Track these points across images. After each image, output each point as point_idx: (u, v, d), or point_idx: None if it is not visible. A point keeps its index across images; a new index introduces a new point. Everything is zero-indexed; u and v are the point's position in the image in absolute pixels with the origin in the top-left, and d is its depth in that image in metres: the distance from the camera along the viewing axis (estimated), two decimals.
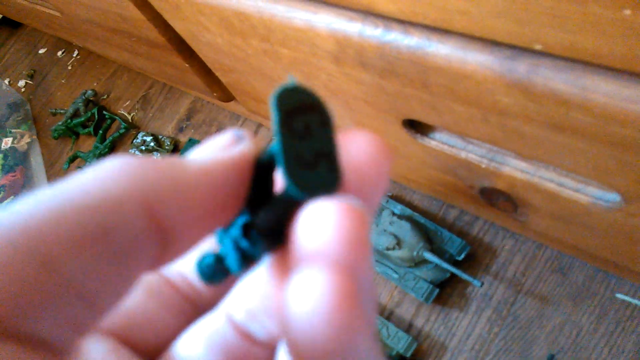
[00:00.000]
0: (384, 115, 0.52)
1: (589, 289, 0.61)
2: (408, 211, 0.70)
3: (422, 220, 0.69)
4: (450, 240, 0.66)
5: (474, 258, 0.67)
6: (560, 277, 0.63)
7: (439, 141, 0.53)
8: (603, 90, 0.27)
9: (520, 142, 0.41)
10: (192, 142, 0.88)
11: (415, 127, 0.53)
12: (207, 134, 0.92)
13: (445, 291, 0.66)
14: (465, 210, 0.70)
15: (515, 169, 0.48)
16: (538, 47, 0.27)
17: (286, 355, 0.15)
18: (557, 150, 0.37)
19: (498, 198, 0.54)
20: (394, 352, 0.63)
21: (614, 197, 0.42)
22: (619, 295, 0.60)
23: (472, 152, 0.50)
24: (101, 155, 0.96)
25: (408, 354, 0.63)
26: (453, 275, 0.66)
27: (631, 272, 0.57)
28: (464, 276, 0.61)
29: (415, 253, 0.65)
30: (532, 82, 0.30)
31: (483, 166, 0.50)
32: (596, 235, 0.49)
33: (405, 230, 0.66)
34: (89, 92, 1.02)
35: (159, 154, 0.91)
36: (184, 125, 0.94)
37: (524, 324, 0.62)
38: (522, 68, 0.30)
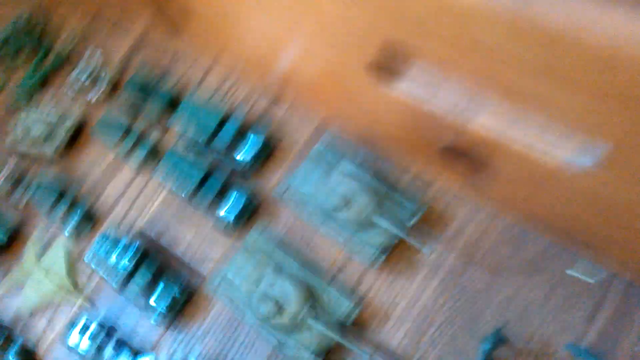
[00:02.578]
0: (355, 49, 0.47)
1: (541, 263, 0.59)
2: (362, 170, 0.66)
3: (374, 181, 0.64)
4: (402, 204, 0.62)
5: (426, 225, 0.63)
6: (513, 250, 0.60)
7: (405, 89, 0.48)
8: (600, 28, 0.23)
9: (509, 76, 0.37)
10: (135, 79, 0.80)
11: (382, 71, 0.48)
12: (153, 71, 0.84)
13: (393, 257, 0.63)
14: (419, 174, 0.66)
15: (482, 125, 0.44)
16: None
17: None
18: (547, 92, 0.32)
19: (459, 158, 0.51)
20: (334, 319, 0.59)
21: (587, 160, 0.39)
22: (569, 271, 0.58)
23: (439, 104, 0.46)
24: (32, 88, 0.88)
25: (348, 321, 0.59)
26: (402, 241, 0.62)
27: (586, 247, 0.54)
28: (414, 243, 0.58)
29: (364, 215, 0.61)
30: (526, 14, 0.26)
31: (449, 120, 0.46)
32: (559, 203, 0.46)
33: (355, 190, 0.62)
34: (24, 16, 0.92)
35: (96, 91, 0.83)
36: (128, 62, 0.86)
37: (471, 295, 0.60)
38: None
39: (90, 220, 0.78)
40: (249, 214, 0.70)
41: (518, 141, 0.43)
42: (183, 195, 0.71)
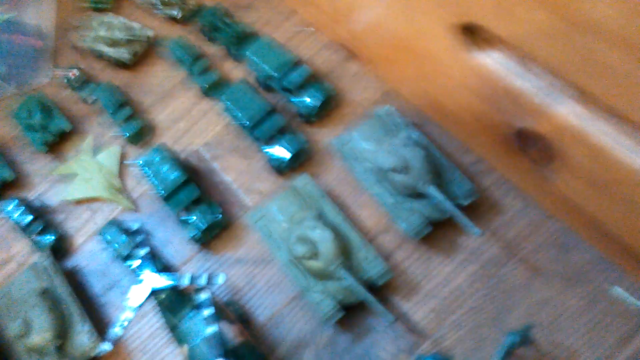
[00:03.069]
0: (443, 12, 0.46)
1: (586, 274, 0.57)
2: (425, 140, 0.65)
3: (437, 153, 0.63)
4: (460, 183, 0.61)
5: (478, 210, 0.62)
6: (561, 254, 0.58)
7: (492, 60, 0.47)
8: None
9: (601, 74, 0.35)
10: (215, 8, 0.80)
11: (474, 37, 0.47)
12: (233, 7, 0.84)
13: (436, 233, 0.62)
14: (483, 158, 0.64)
15: (571, 111, 0.42)
16: None
17: None
18: None
19: (534, 145, 0.49)
20: (366, 277, 0.59)
21: None
22: (615, 289, 0.56)
23: (529, 82, 0.44)
24: None
25: (380, 282, 0.59)
26: (450, 219, 0.61)
27: (638, 265, 0.52)
28: (465, 221, 0.57)
29: (420, 183, 0.60)
30: None
31: (536, 101, 0.44)
32: (628, 211, 0.44)
33: (417, 157, 0.61)
34: None
35: (176, 11, 0.84)
36: None
37: (508, 289, 0.58)
38: None
39: (149, 131, 0.79)
40: (302, 159, 0.70)
41: (602, 135, 0.41)
42: (244, 126, 0.71)
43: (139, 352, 0.64)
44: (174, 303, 0.56)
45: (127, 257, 0.68)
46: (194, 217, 0.67)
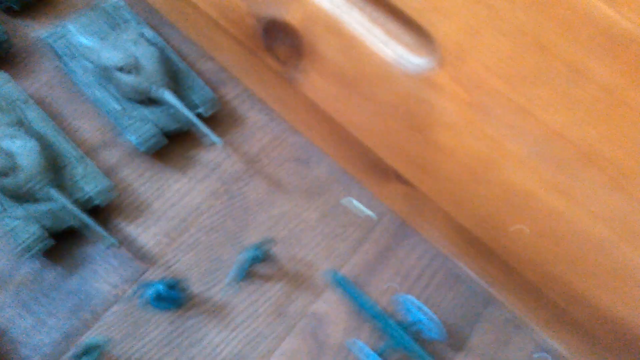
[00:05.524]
0: None
1: (324, 186, 0.56)
2: (160, 41, 0.56)
3: (175, 57, 0.56)
4: (201, 92, 0.55)
5: (218, 123, 0.57)
6: (300, 167, 0.57)
7: None
8: None
9: None
10: None
11: None
12: None
13: (170, 147, 0.55)
14: (225, 67, 0.59)
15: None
16: None
17: None
18: None
19: (283, 40, 0.45)
20: (83, 197, 0.49)
21: (424, 62, 0.37)
22: (348, 200, 0.56)
23: None
24: None
25: (100, 202, 0.49)
26: (186, 132, 0.54)
27: (373, 174, 0.53)
28: (205, 129, 0.50)
29: (153, 86, 0.51)
30: None
31: None
32: (376, 111, 0.43)
33: (149, 56, 0.52)
34: None
35: None
36: None
37: (246, 205, 0.54)
38: None
39: None
40: (1, 54, 0.55)
41: (358, 23, 0.39)
42: None
43: None
44: None
45: None
46: None
